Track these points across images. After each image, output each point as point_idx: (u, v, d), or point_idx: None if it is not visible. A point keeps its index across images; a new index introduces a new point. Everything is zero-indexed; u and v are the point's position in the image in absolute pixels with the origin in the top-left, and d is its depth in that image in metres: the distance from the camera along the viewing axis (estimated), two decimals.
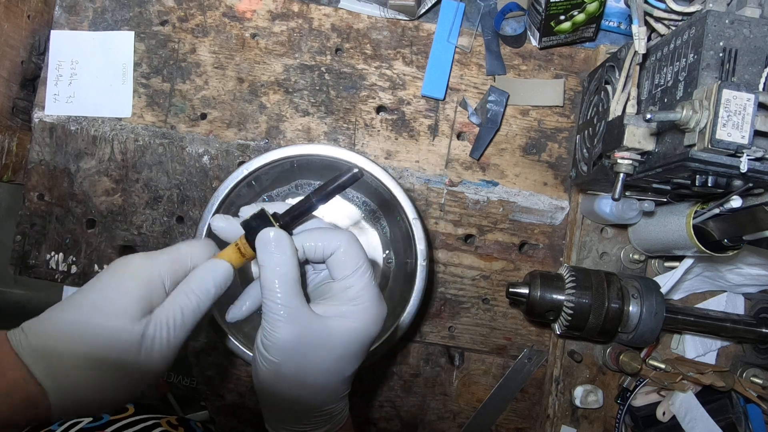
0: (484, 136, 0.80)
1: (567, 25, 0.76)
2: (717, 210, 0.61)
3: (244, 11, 0.81)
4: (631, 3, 0.54)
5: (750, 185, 0.53)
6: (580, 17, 0.75)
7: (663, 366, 0.75)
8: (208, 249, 0.49)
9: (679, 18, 0.59)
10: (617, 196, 0.58)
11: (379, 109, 0.82)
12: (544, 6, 0.72)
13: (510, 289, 0.73)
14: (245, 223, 0.48)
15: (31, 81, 0.81)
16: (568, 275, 0.71)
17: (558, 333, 0.73)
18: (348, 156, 0.69)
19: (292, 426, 0.50)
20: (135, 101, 0.81)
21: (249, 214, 0.49)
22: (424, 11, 0.82)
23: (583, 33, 0.79)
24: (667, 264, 0.79)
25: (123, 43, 0.81)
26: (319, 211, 0.51)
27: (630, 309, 0.70)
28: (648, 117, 0.47)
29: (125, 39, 0.81)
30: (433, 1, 0.81)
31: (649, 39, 0.63)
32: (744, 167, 0.48)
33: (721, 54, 0.51)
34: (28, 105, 0.80)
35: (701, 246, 0.65)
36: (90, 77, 0.80)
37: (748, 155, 0.48)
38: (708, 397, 0.76)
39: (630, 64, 0.61)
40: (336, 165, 0.70)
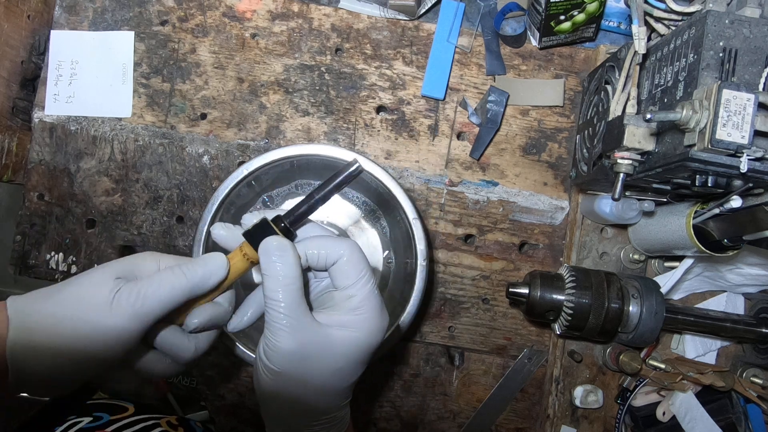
0: (484, 136, 0.80)
1: (567, 25, 0.76)
2: (717, 210, 0.61)
3: (244, 11, 0.81)
4: (631, 3, 0.54)
5: (750, 185, 0.53)
6: (580, 17, 0.75)
7: (663, 366, 0.75)
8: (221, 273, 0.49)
9: (679, 18, 0.59)
10: (617, 196, 0.58)
11: (379, 109, 0.82)
12: (544, 6, 0.72)
13: (510, 289, 0.73)
14: (247, 233, 0.48)
15: (31, 81, 0.81)
16: (568, 275, 0.71)
17: (558, 333, 0.73)
18: (348, 156, 0.69)
19: None
20: (135, 101, 0.81)
21: (251, 222, 0.48)
22: (424, 11, 0.82)
23: (583, 33, 0.79)
24: (667, 264, 0.79)
25: (123, 43, 0.81)
26: (319, 211, 0.51)
27: (630, 309, 0.70)
28: (648, 117, 0.47)
29: (125, 39, 0.81)
30: (433, 1, 0.81)
31: (649, 39, 0.63)
32: (744, 167, 0.48)
33: (721, 54, 0.51)
34: (28, 105, 0.80)
35: (701, 246, 0.65)
36: (90, 77, 0.80)
37: (748, 155, 0.48)
38: (708, 397, 0.76)
39: (630, 64, 0.61)
40: (336, 165, 0.70)
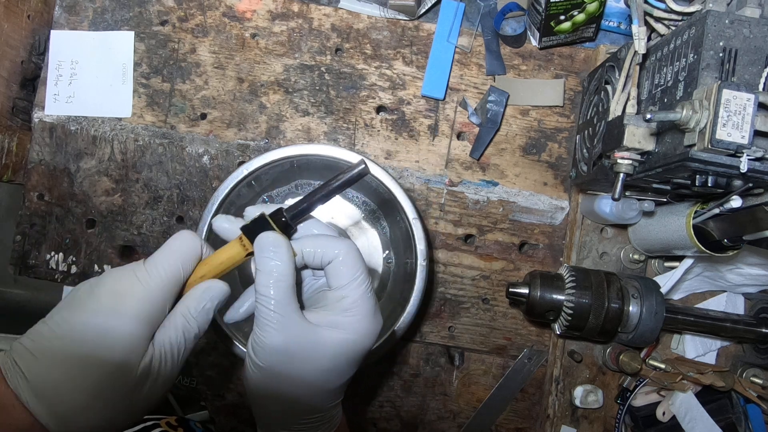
0: (484, 136, 0.80)
1: (567, 25, 0.76)
2: (717, 210, 0.61)
3: (244, 11, 0.81)
4: (631, 3, 0.54)
5: (750, 185, 0.53)
6: (580, 17, 0.75)
7: (663, 366, 0.75)
8: (197, 248, 0.48)
9: (679, 18, 0.58)
10: (617, 196, 0.58)
11: (379, 109, 0.82)
12: (544, 6, 0.72)
13: (510, 289, 0.73)
14: (245, 228, 0.48)
15: (31, 81, 0.81)
16: (568, 275, 0.71)
17: (558, 333, 0.73)
18: (348, 156, 0.69)
19: (280, 429, 0.50)
20: (135, 101, 0.81)
21: (253, 215, 0.48)
22: (424, 11, 0.82)
23: (583, 33, 0.79)
24: (667, 264, 0.79)
25: (123, 43, 0.81)
26: (319, 212, 0.51)
27: (630, 309, 0.70)
28: (648, 117, 0.47)
29: (125, 39, 0.81)
30: (433, 1, 0.81)
31: (649, 39, 0.63)
32: (744, 167, 0.48)
33: (721, 54, 0.51)
34: (28, 105, 0.80)
35: (701, 246, 0.65)
36: (90, 77, 0.80)
37: (748, 155, 0.48)
38: (708, 397, 0.76)
39: (630, 64, 0.61)
40: (336, 165, 0.70)
